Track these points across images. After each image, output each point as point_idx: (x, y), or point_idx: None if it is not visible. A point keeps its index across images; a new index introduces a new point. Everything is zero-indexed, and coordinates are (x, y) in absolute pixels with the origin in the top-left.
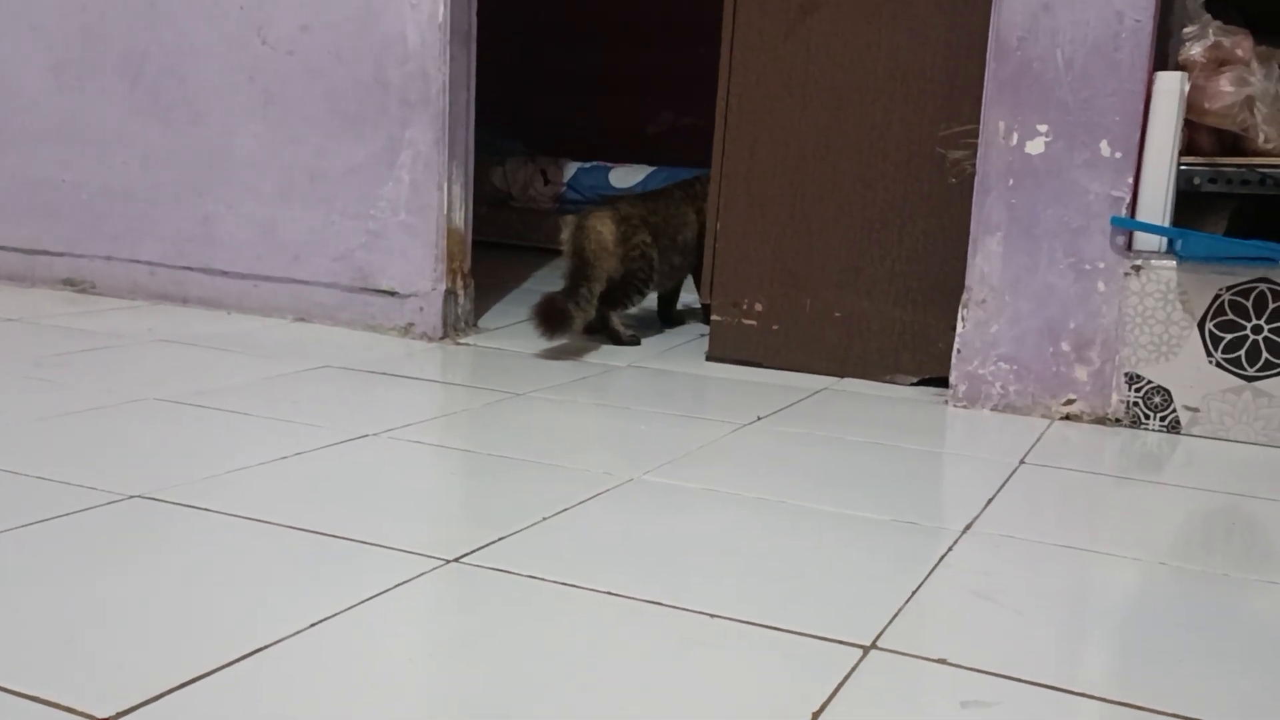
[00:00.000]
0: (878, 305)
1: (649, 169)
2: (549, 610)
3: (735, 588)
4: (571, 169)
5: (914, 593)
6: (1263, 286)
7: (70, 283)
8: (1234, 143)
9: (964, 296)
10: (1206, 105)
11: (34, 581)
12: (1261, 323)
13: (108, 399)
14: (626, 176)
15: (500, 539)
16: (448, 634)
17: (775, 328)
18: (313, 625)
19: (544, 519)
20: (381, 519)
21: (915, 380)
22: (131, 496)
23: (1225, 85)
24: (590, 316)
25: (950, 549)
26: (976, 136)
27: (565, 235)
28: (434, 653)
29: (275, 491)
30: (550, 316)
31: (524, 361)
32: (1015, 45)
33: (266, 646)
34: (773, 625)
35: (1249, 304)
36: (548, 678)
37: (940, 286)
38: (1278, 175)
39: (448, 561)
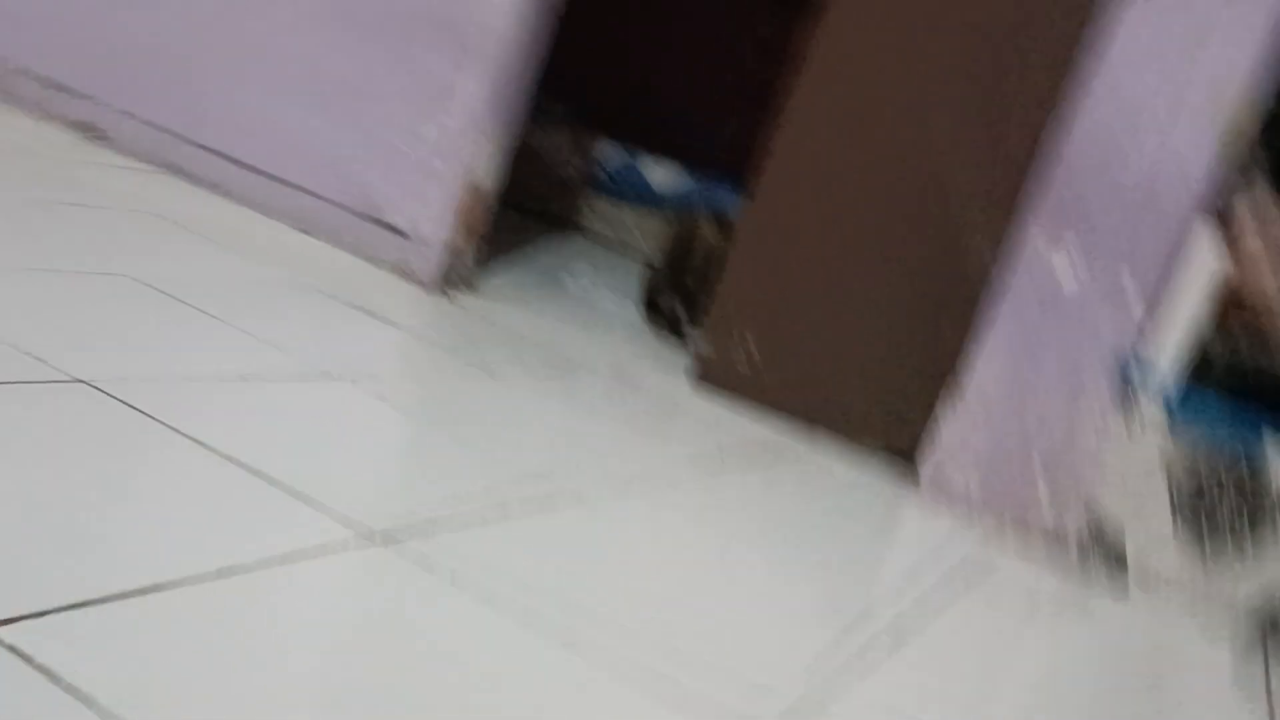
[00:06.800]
0: (869, 368)
1: (692, 182)
2: (452, 616)
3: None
4: (611, 153)
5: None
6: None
7: (84, 126)
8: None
9: (955, 392)
10: (1244, 281)
11: None
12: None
13: (83, 265)
14: (666, 181)
15: (427, 520)
16: (355, 610)
17: (762, 365)
18: (218, 572)
19: (478, 513)
20: (316, 472)
21: (887, 450)
22: (77, 380)
23: (1266, 269)
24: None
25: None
26: (1005, 241)
27: (673, 231)
28: (342, 626)
29: (222, 414)
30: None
31: (511, 337)
32: (1073, 164)
33: (167, 585)
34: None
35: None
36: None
37: (934, 372)
38: None
39: (372, 532)
